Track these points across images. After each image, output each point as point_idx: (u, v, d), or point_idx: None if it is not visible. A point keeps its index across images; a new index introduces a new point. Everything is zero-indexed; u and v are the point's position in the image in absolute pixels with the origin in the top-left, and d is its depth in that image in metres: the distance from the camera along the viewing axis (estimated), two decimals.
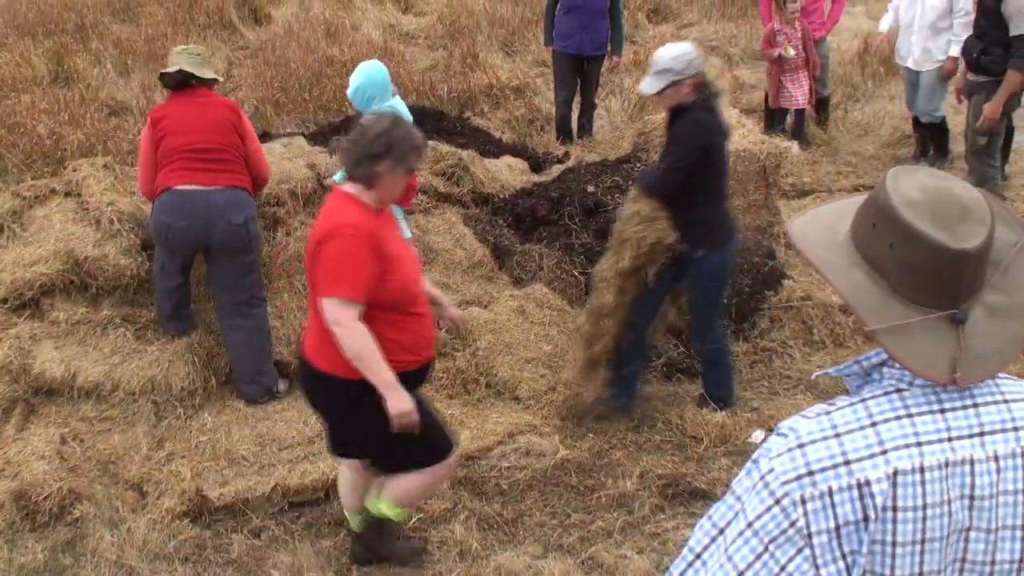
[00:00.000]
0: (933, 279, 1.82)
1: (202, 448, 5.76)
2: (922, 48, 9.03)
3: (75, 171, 7.27)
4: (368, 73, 6.14)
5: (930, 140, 9.66)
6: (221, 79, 6.42)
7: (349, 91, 6.28)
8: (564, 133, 10.25)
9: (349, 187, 4.23)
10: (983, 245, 1.81)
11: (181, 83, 6.10)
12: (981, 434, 1.84)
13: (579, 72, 10.09)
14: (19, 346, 6.09)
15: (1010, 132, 8.88)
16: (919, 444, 1.80)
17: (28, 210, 7.04)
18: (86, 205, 6.92)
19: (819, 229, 1.99)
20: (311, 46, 11.99)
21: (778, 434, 1.89)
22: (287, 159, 7.47)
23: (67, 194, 7.10)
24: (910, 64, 9.27)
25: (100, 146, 8.51)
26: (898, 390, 1.86)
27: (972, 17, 8.41)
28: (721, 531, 1.89)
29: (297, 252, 6.70)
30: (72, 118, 9.49)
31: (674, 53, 5.40)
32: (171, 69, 6.07)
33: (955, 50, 8.69)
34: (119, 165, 7.59)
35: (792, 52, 9.56)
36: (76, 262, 6.44)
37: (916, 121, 9.65)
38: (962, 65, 8.32)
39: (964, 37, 8.48)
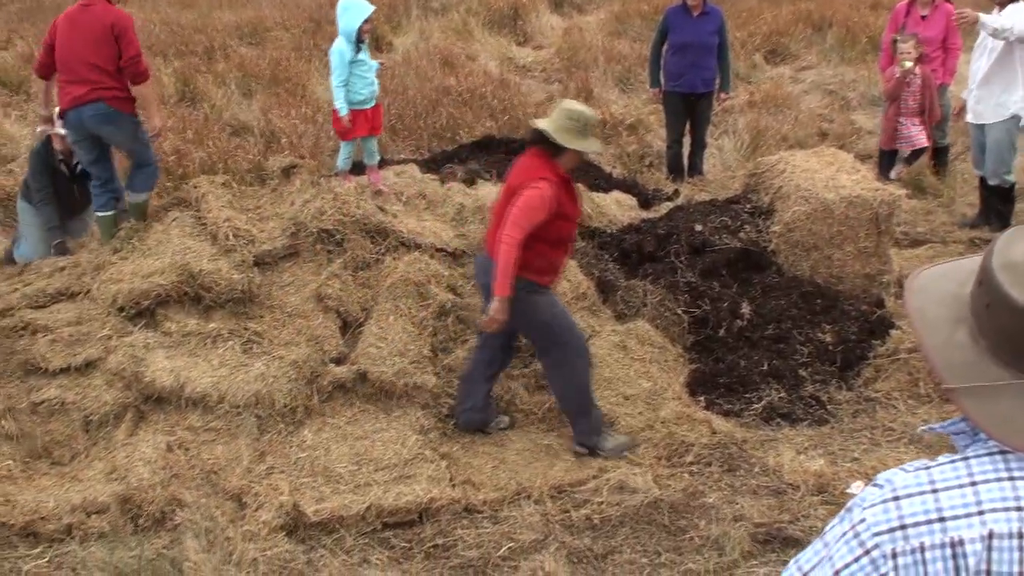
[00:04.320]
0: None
1: (301, 464, 5.85)
2: (983, 100, 8.73)
3: (195, 187, 7.51)
4: None
5: (994, 205, 9.17)
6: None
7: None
8: (674, 171, 10.24)
9: None
10: None
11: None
12: None
13: (690, 110, 10.08)
14: (133, 354, 6.28)
15: None
16: (1020, 509, 1.73)
17: (149, 224, 7.29)
18: (203, 220, 7.14)
19: (946, 281, 1.93)
20: (428, 75, 12.20)
21: (875, 485, 1.85)
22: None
23: (186, 208, 7.34)
24: (971, 119, 9.00)
25: (221, 165, 8.76)
26: (1003, 452, 1.79)
27: None
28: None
29: (404, 275, 6.80)
30: (196, 137, 9.79)
31: None
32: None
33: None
34: (237, 184, 7.81)
35: (909, 64, 9.36)
36: (191, 275, 6.63)
37: (983, 182, 9.23)
38: None
39: None
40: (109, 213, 7.43)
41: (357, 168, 7.99)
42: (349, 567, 5.10)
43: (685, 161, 10.34)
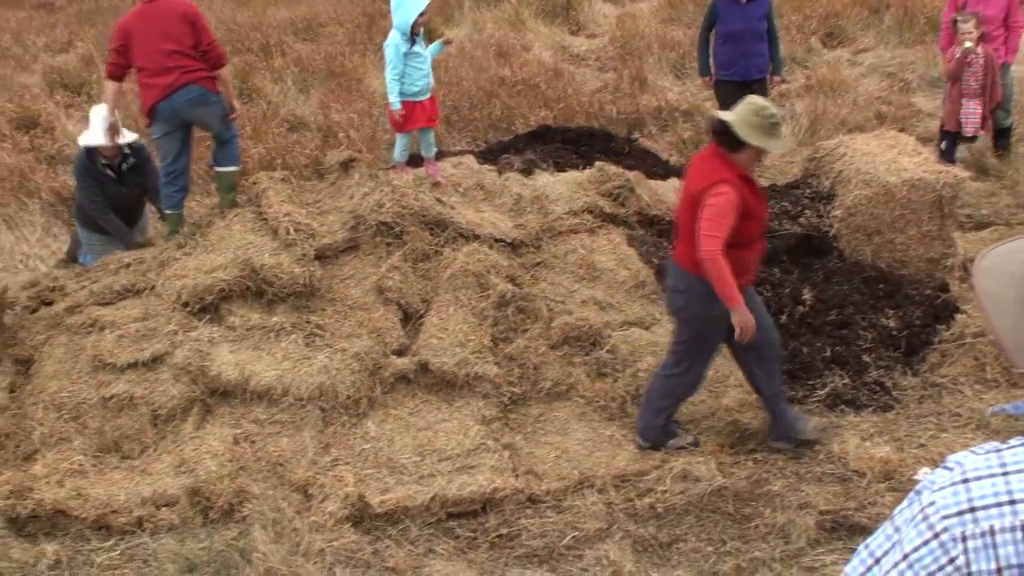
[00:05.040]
0: None
1: (365, 455, 5.91)
2: None
3: (255, 183, 7.59)
4: None
5: None
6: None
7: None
8: None
9: None
10: None
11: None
12: None
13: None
14: (198, 349, 6.36)
15: None
16: None
17: (211, 221, 7.39)
18: (264, 216, 7.21)
19: (1013, 262, 1.91)
20: (483, 66, 12.19)
21: (944, 467, 1.83)
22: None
23: (247, 204, 7.43)
24: None
25: (279, 160, 8.84)
26: None
27: None
28: (877, 560, 1.84)
29: (464, 266, 6.82)
30: (255, 133, 9.89)
31: None
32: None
33: None
34: (296, 179, 7.88)
35: (970, 44, 9.19)
36: (253, 269, 6.70)
37: None
38: None
39: None
40: (178, 212, 7.54)
41: (414, 160, 8.02)
42: (415, 557, 5.15)
43: None
